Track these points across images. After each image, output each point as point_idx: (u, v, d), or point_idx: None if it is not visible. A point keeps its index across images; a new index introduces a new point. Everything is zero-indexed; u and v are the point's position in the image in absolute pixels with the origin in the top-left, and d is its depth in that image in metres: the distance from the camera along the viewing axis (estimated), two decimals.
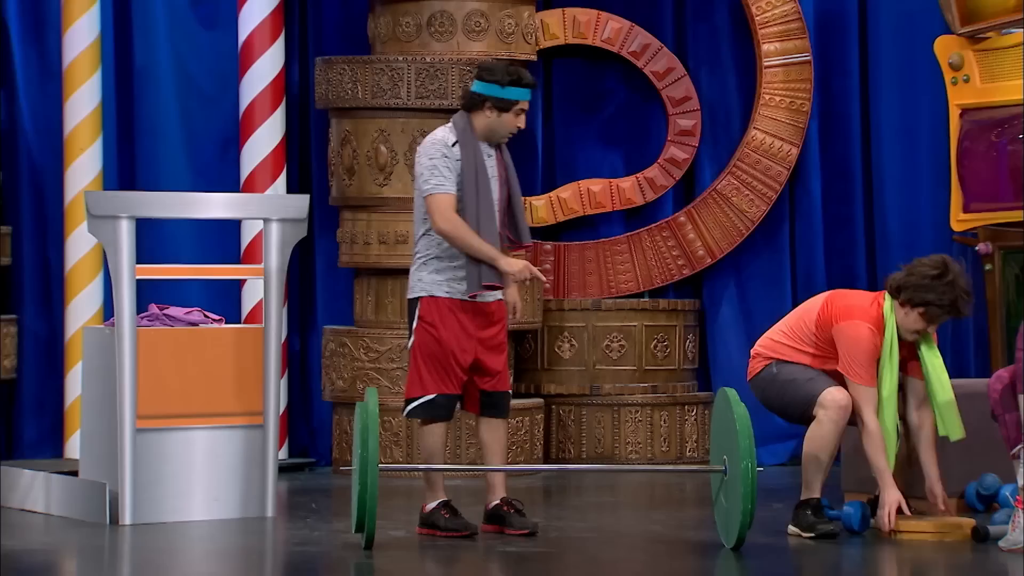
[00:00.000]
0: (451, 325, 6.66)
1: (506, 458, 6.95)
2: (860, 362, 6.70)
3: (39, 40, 8.95)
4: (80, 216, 8.47)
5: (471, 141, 6.68)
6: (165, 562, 6.49)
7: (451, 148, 6.68)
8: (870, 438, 6.72)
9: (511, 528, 6.80)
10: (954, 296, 6.69)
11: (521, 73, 6.75)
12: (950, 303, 6.69)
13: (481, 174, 6.66)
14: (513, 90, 6.69)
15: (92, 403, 7.34)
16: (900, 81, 9.12)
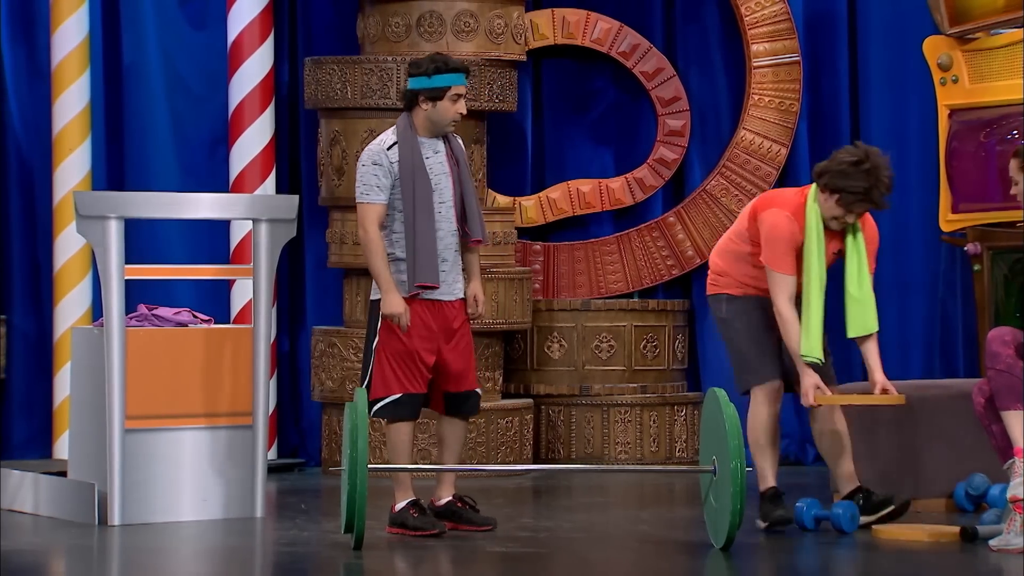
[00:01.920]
0: (414, 323, 6.69)
1: (462, 455, 6.97)
2: (775, 249, 6.75)
3: (28, 40, 8.94)
4: (69, 216, 8.45)
5: (410, 140, 6.69)
6: (154, 562, 6.48)
7: (387, 152, 6.71)
8: (785, 325, 6.79)
9: (472, 524, 6.82)
10: (869, 184, 6.70)
11: (447, 59, 6.75)
12: (864, 190, 6.71)
13: (419, 174, 6.67)
14: (440, 77, 6.70)
15: (81, 403, 7.33)
16: (889, 81, 9.13)
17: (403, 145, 6.69)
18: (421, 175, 6.67)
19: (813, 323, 6.75)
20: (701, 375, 9.21)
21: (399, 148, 6.68)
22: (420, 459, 8.39)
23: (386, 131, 6.82)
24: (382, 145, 6.72)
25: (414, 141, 6.69)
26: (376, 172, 6.69)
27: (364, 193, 6.71)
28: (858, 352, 9.15)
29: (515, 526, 7.02)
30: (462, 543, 6.71)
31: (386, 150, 6.70)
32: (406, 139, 6.69)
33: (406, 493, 6.77)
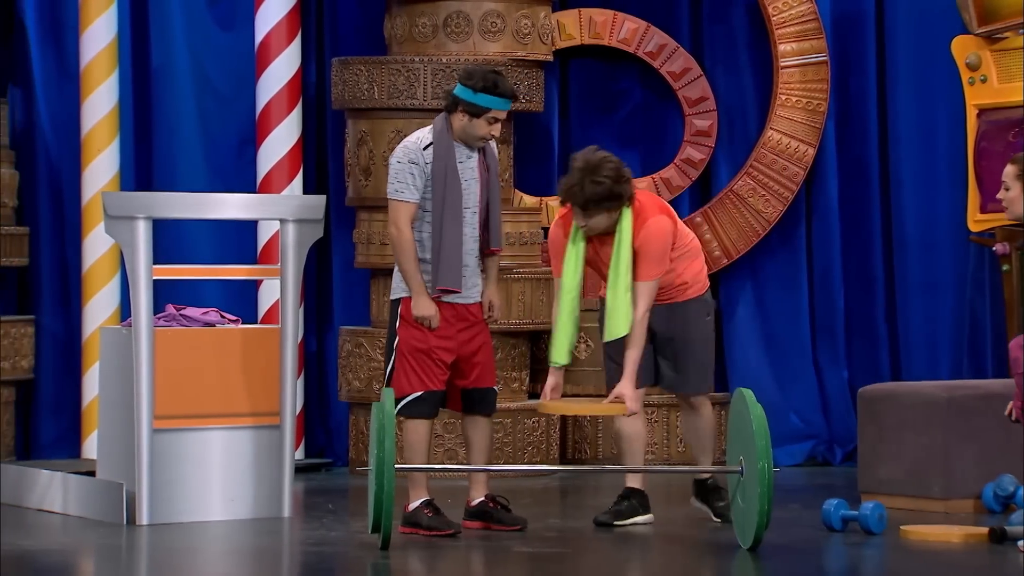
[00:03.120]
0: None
1: (490, 455, 7.03)
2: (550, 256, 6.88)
3: (57, 41, 8.97)
4: (97, 217, 8.48)
5: (446, 142, 6.69)
6: (182, 562, 6.50)
7: (423, 151, 6.70)
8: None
9: (502, 524, 6.85)
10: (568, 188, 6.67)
11: (497, 82, 6.70)
12: (566, 195, 6.71)
13: (451, 177, 6.67)
14: (484, 97, 6.68)
15: (109, 403, 7.35)
16: (917, 81, 9.11)
17: (439, 146, 6.69)
18: (453, 179, 6.67)
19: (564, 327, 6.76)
20: (728, 375, 9.20)
21: (434, 149, 6.68)
22: (447, 459, 8.40)
23: (422, 129, 6.81)
24: (419, 144, 6.71)
25: (450, 144, 6.70)
26: (412, 171, 6.69)
27: (398, 191, 6.71)
28: (884, 351, 9.18)
29: (542, 526, 7.02)
30: (489, 543, 6.71)
31: (422, 149, 6.69)
32: (442, 141, 6.69)
33: (420, 492, 6.79)
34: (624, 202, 6.70)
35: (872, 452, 7.57)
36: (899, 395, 7.58)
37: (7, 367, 8.50)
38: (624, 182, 6.69)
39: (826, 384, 9.19)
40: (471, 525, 6.92)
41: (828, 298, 9.21)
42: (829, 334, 9.20)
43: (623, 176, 6.70)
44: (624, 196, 6.68)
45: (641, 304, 6.72)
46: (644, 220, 6.73)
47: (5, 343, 8.49)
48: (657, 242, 6.72)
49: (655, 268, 6.73)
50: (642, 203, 6.78)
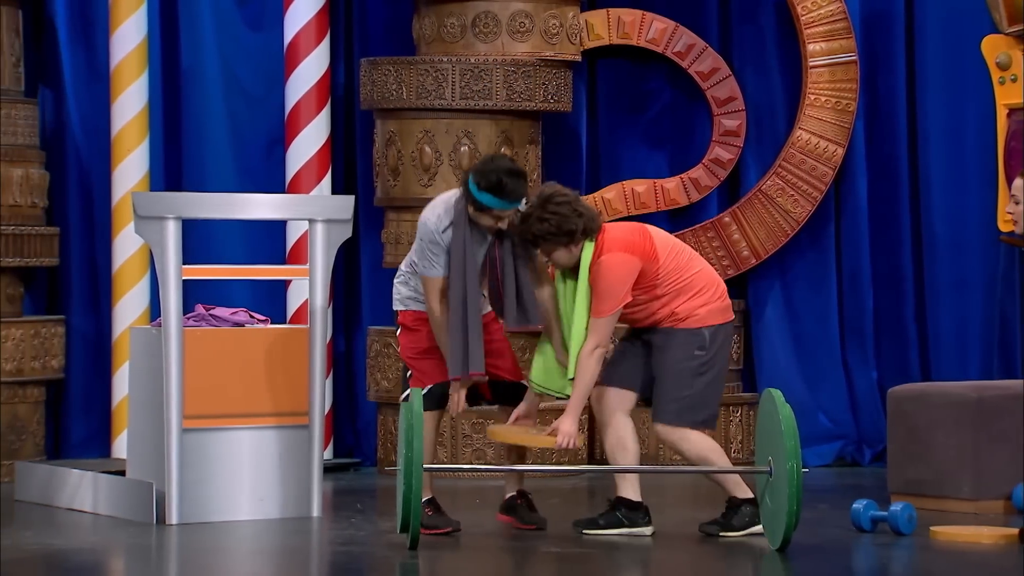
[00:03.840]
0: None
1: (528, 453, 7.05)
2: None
3: (87, 41, 9.01)
4: (127, 217, 8.51)
5: (463, 222, 6.68)
6: (211, 561, 6.52)
7: (442, 233, 6.69)
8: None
9: (519, 522, 6.89)
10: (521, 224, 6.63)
11: (505, 184, 6.57)
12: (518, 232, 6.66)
13: (469, 259, 6.67)
14: (485, 196, 6.61)
15: (139, 403, 7.38)
16: (947, 81, 9.08)
17: (457, 227, 6.67)
18: (472, 260, 6.65)
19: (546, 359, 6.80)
20: (757, 376, 9.19)
21: (453, 229, 6.68)
22: (475, 459, 8.41)
23: (444, 200, 6.72)
24: (439, 225, 6.68)
25: (466, 228, 6.66)
26: (434, 250, 6.71)
27: (424, 268, 6.75)
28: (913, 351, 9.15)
29: (570, 527, 7.02)
30: (517, 543, 6.72)
31: (440, 232, 6.69)
32: (460, 222, 6.67)
33: (423, 492, 6.82)
34: (577, 238, 6.60)
35: (901, 453, 7.55)
36: (928, 395, 7.56)
37: (37, 367, 8.54)
38: (577, 218, 6.59)
39: (855, 384, 9.18)
40: (503, 519, 6.98)
41: (857, 298, 9.19)
42: (858, 334, 9.18)
43: (577, 211, 6.59)
44: (576, 231, 6.58)
45: (590, 340, 6.60)
46: (600, 255, 6.64)
47: (35, 343, 8.52)
48: (606, 278, 6.60)
49: (604, 304, 6.60)
50: (608, 238, 6.66)
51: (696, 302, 6.69)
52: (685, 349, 6.67)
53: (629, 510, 6.79)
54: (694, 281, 6.72)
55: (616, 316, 6.63)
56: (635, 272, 6.61)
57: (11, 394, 8.45)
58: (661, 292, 6.67)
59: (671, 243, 6.76)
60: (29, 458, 8.35)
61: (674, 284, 6.68)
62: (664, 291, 6.67)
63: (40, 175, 8.67)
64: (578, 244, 6.62)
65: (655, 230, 6.79)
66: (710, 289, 6.74)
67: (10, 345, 8.43)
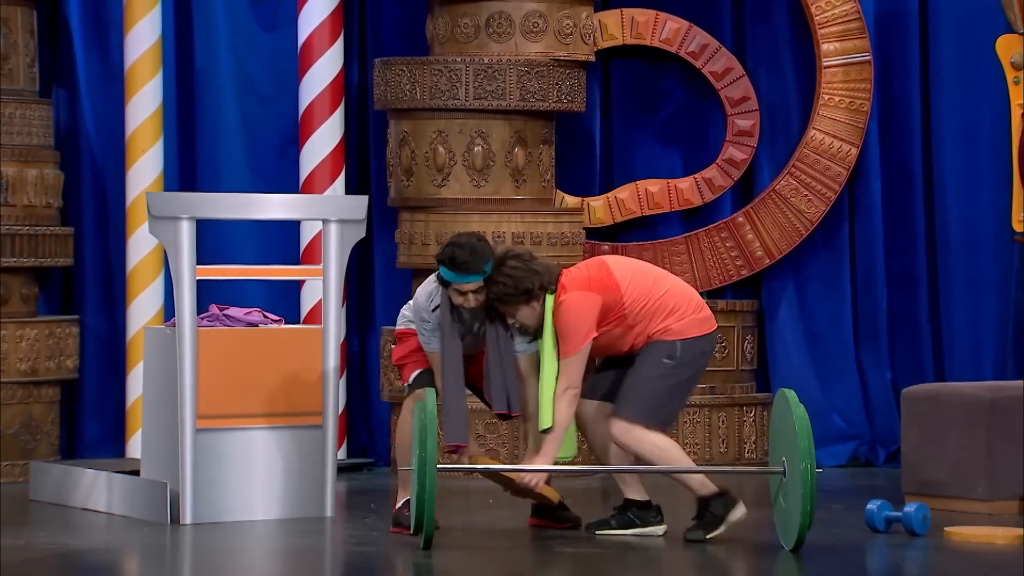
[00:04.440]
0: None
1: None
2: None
3: (101, 42, 9.02)
4: (141, 217, 8.52)
5: (447, 309, 6.76)
6: (225, 561, 6.53)
7: (432, 312, 6.80)
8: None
9: (554, 521, 6.93)
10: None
11: (454, 255, 6.63)
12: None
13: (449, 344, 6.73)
14: (442, 269, 6.70)
15: (153, 403, 7.39)
16: (961, 81, 9.07)
17: (443, 311, 6.78)
18: (453, 339, 6.72)
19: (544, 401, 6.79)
20: (770, 376, 9.18)
21: (441, 311, 6.78)
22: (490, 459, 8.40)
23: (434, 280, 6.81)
24: (428, 304, 6.80)
25: (450, 310, 6.75)
26: (424, 327, 6.84)
27: (425, 343, 6.88)
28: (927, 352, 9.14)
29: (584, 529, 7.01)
30: (532, 543, 6.72)
31: (431, 311, 6.80)
32: (445, 303, 6.77)
33: (404, 491, 6.85)
34: (535, 294, 6.64)
35: (915, 453, 7.54)
36: (943, 396, 7.55)
37: (52, 367, 8.55)
38: (533, 275, 6.63)
39: (869, 385, 9.17)
40: (533, 523, 6.98)
41: (871, 298, 9.18)
42: (872, 334, 9.17)
43: (532, 269, 6.64)
44: (533, 289, 6.63)
45: (561, 382, 6.65)
46: (559, 298, 6.68)
47: (50, 343, 8.54)
48: (567, 316, 6.64)
49: (570, 344, 6.64)
50: (566, 282, 6.70)
51: (669, 320, 6.72)
52: (655, 356, 6.72)
53: (640, 510, 6.79)
54: (664, 302, 6.73)
55: (584, 355, 6.65)
56: (595, 308, 6.65)
57: (26, 394, 8.47)
58: (632, 321, 6.70)
59: (633, 270, 6.76)
60: (44, 458, 8.37)
61: (643, 310, 6.71)
62: (635, 319, 6.70)
63: (55, 175, 8.68)
64: (538, 299, 6.67)
65: (615, 261, 6.80)
66: (682, 305, 6.75)
67: (25, 345, 8.45)
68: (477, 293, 6.69)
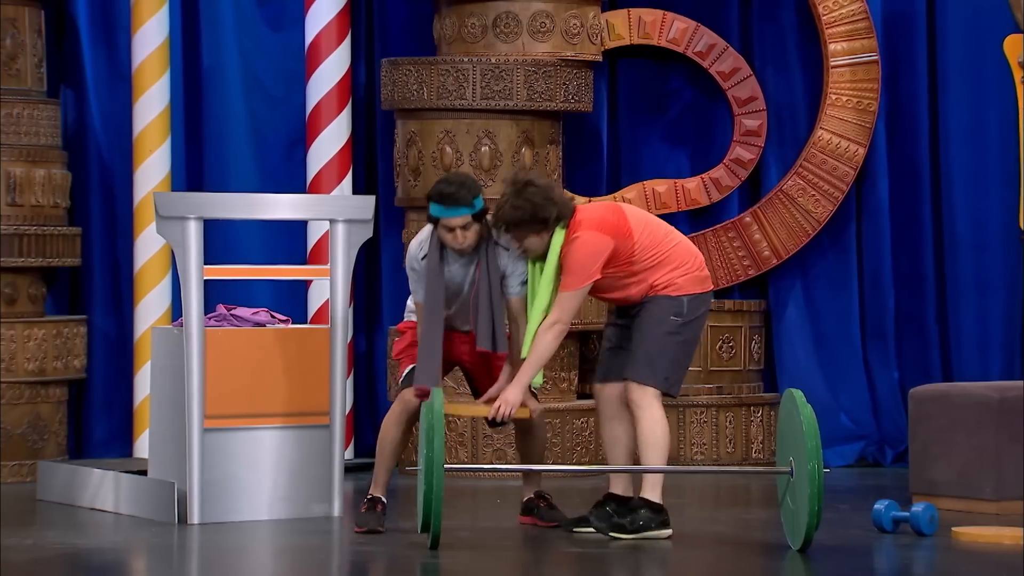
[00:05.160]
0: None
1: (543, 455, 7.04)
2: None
3: (109, 42, 9.03)
4: (149, 217, 8.52)
5: (435, 253, 6.78)
6: (233, 561, 6.53)
7: (420, 261, 6.83)
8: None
9: (541, 520, 6.93)
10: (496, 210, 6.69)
11: (442, 191, 6.67)
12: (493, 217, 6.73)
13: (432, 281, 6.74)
14: (433, 206, 6.73)
15: (161, 403, 7.39)
16: (968, 81, 9.06)
17: (430, 256, 6.80)
18: (437, 286, 6.74)
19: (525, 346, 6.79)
20: (778, 376, 9.17)
21: (427, 258, 6.81)
22: (496, 459, 8.42)
23: (427, 230, 6.84)
24: (418, 253, 6.84)
25: (437, 254, 6.78)
26: (413, 276, 6.86)
27: (413, 292, 6.92)
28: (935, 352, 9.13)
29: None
30: (537, 543, 6.72)
31: (420, 259, 6.84)
32: (433, 250, 6.80)
33: (374, 487, 6.88)
34: (552, 226, 6.65)
35: (923, 453, 7.53)
36: (950, 396, 7.54)
37: (60, 367, 8.56)
38: (552, 205, 6.64)
39: (876, 385, 9.16)
40: (523, 520, 7.02)
41: (878, 298, 9.17)
42: (879, 334, 9.16)
43: (551, 199, 6.64)
44: (550, 219, 6.64)
45: (552, 313, 6.64)
46: (573, 235, 6.69)
47: (58, 343, 8.55)
48: (577, 253, 6.65)
49: (573, 279, 6.64)
50: (581, 219, 6.71)
51: (676, 273, 6.75)
52: (662, 313, 6.72)
53: (653, 512, 6.78)
54: (672, 255, 6.77)
55: (583, 294, 6.65)
56: (606, 251, 6.66)
57: (33, 394, 8.47)
58: (638, 268, 6.71)
59: (646, 220, 6.81)
60: (51, 458, 8.37)
61: (651, 259, 6.74)
62: (641, 267, 6.72)
63: (62, 175, 8.69)
64: (550, 232, 6.67)
65: (630, 208, 6.85)
66: (688, 261, 6.80)
67: (32, 345, 8.46)
68: (466, 229, 6.70)
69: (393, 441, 6.89)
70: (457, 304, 6.83)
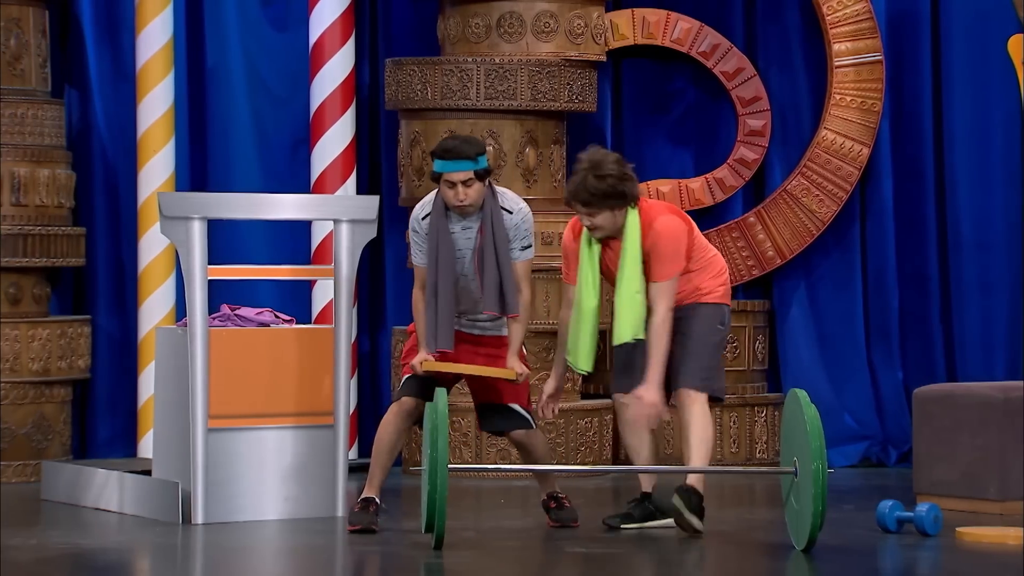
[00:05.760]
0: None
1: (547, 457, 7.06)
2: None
3: (113, 42, 9.03)
4: (153, 217, 8.53)
5: (439, 212, 6.77)
6: (236, 561, 6.54)
7: (421, 221, 6.83)
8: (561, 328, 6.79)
9: (556, 521, 6.96)
10: (574, 186, 6.68)
11: (448, 146, 6.67)
12: (570, 195, 6.70)
13: (443, 241, 6.74)
14: (436, 162, 6.72)
15: (164, 403, 7.40)
16: (972, 81, 9.06)
17: (433, 215, 6.80)
18: (445, 243, 6.74)
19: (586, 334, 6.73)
20: (781, 376, 9.17)
21: (430, 219, 6.80)
22: (500, 459, 8.42)
23: (433, 193, 6.87)
24: (420, 212, 6.85)
25: (441, 214, 6.77)
26: (415, 239, 6.85)
27: (413, 256, 6.91)
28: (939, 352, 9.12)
29: (595, 527, 7.02)
30: (542, 543, 6.72)
31: (421, 219, 6.84)
32: (436, 211, 6.80)
33: (369, 488, 6.89)
34: (629, 201, 6.68)
35: (927, 453, 7.53)
36: (954, 396, 7.54)
37: (64, 367, 8.56)
38: (629, 181, 6.68)
39: (880, 385, 9.16)
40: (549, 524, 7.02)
41: (882, 298, 9.17)
42: (883, 334, 9.16)
43: (627, 175, 6.68)
44: (628, 195, 6.67)
45: (661, 305, 6.67)
46: (651, 220, 6.70)
47: (62, 343, 8.55)
48: (668, 240, 6.68)
49: (670, 267, 6.68)
50: (653, 205, 6.79)
51: (716, 281, 6.85)
52: (710, 322, 6.80)
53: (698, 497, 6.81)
54: (712, 262, 6.89)
55: (678, 280, 6.70)
56: (686, 234, 6.76)
57: (37, 394, 8.48)
58: (692, 267, 6.79)
59: (691, 223, 6.93)
60: (55, 458, 8.38)
61: (699, 260, 6.83)
62: (693, 266, 6.80)
63: (66, 175, 8.70)
64: (623, 210, 6.68)
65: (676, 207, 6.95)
66: (724, 272, 6.92)
67: (37, 345, 8.47)
68: (468, 186, 6.66)
69: (389, 444, 6.88)
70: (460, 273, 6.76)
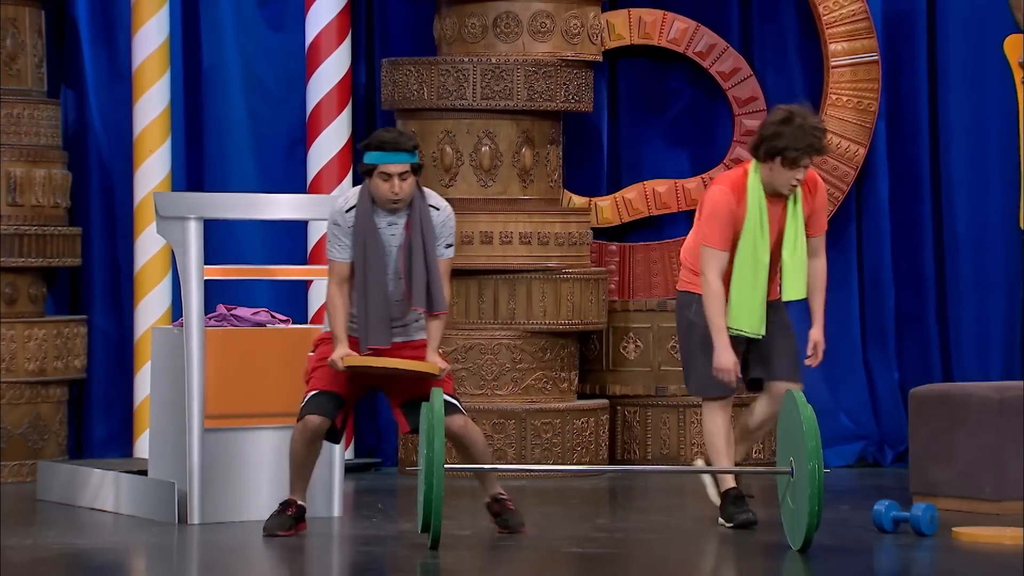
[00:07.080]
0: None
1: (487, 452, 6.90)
2: (712, 226, 6.86)
3: (109, 42, 9.03)
4: (149, 217, 8.53)
5: (365, 206, 6.63)
6: (233, 561, 6.54)
7: (345, 215, 6.65)
8: (710, 297, 6.88)
9: (503, 527, 6.82)
10: (805, 135, 6.83)
11: (384, 137, 6.56)
12: (806, 144, 6.82)
13: (370, 237, 6.60)
14: (367, 154, 6.60)
15: (161, 403, 7.40)
16: (968, 81, 9.06)
17: (359, 209, 6.64)
18: (372, 239, 6.61)
19: (758, 299, 6.92)
20: None
21: (356, 211, 6.64)
22: (496, 459, 8.41)
23: (358, 187, 6.76)
24: (343, 208, 6.69)
25: (368, 207, 6.63)
26: (335, 232, 6.69)
27: (329, 251, 6.74)
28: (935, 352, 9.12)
29: (591, 527, 7.02)
30: (539, 543, 6.72)
31: (344, 212, 6.67)
32: (362, 205, 6.64)
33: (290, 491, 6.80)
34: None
35: (923, 453, 7.53)
36: (950, 396, 7.54)
37: (60, 367, 8.56)
38: None
39: (876, 385, 9.16)
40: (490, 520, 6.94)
41: (878, 298, 9.17)
42: (879, 334, 9.16)
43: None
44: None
45: (821, 253, 6.99)
46: (812, 176, 6.93)
47: (58, 343, 8.55)
48: (825, 194, 7.03)
49: (825, 218, 7.05)
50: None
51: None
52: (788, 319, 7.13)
53: None
54: None
55: None
56: None
57: (34, 394, 8.48)
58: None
59: None
60: (51, 458, 8.38)
61: None
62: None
63: (62, 175, 8.69)
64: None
65: None
66: None
67: (33, 345, 8.46)
68: (403, 180, 6.53)
69: (301, 458, 6.76)
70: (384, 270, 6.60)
